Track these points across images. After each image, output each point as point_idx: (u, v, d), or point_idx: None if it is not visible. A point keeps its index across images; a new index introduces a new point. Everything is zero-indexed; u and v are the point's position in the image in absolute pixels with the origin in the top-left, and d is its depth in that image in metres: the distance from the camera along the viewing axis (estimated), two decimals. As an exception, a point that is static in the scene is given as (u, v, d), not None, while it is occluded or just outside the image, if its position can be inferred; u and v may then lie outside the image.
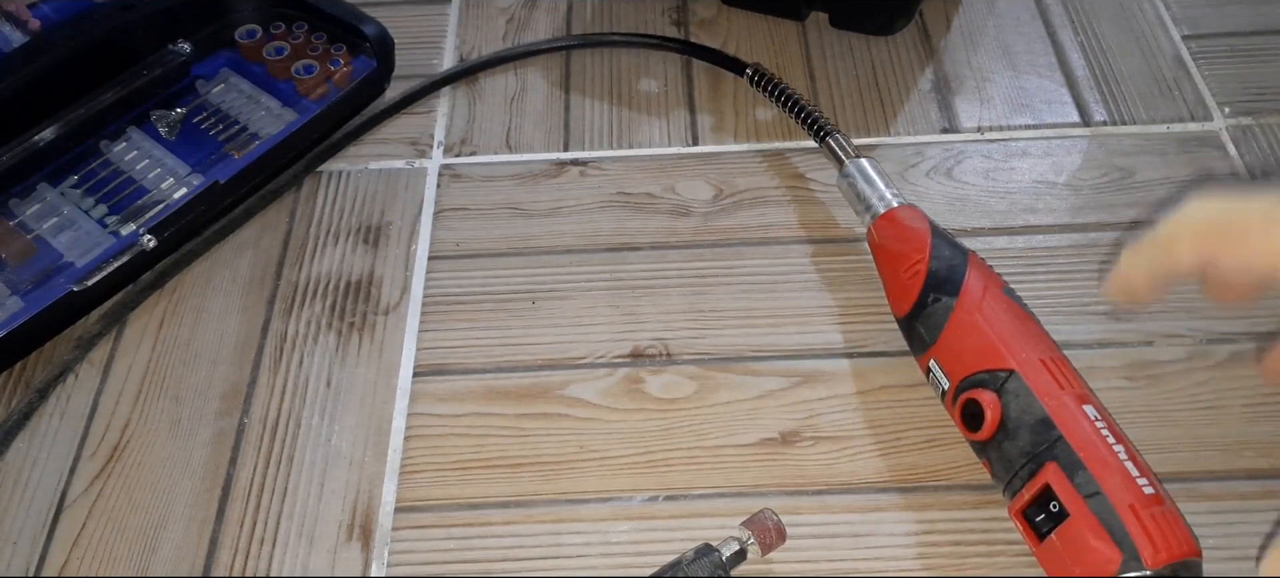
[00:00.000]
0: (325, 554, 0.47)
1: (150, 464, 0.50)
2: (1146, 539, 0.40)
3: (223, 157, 0.60)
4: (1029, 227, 0.58)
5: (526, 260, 0.58)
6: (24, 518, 0.49)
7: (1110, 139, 0.63)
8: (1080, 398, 0.44)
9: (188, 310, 0.56)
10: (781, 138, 0.63)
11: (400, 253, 0.58)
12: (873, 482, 0.48)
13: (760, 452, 0.50)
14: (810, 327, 0.54)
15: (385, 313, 0.56)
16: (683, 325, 0.54)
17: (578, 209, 0.60)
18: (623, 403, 0.51)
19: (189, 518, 0.48)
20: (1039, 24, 0.70)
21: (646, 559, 0.46)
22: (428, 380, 0.53)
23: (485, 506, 0.48)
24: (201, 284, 0.57)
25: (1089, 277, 0.56)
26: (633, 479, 0.49)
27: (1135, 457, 0.43)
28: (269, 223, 0.60)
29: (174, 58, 0.63)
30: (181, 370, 0.54)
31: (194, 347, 0.55)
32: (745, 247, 0.58)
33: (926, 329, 0.49)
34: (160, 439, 0.51)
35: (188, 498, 0.49)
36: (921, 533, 0.47)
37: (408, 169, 0.63)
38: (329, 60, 0.64)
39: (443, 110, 0.66)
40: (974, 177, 0.61)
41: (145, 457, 0.50)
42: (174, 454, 0.50)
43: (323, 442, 0.51)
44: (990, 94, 0.65)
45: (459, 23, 0.72)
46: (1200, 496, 0.47)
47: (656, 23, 0.71)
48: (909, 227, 0.52)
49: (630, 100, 0.66)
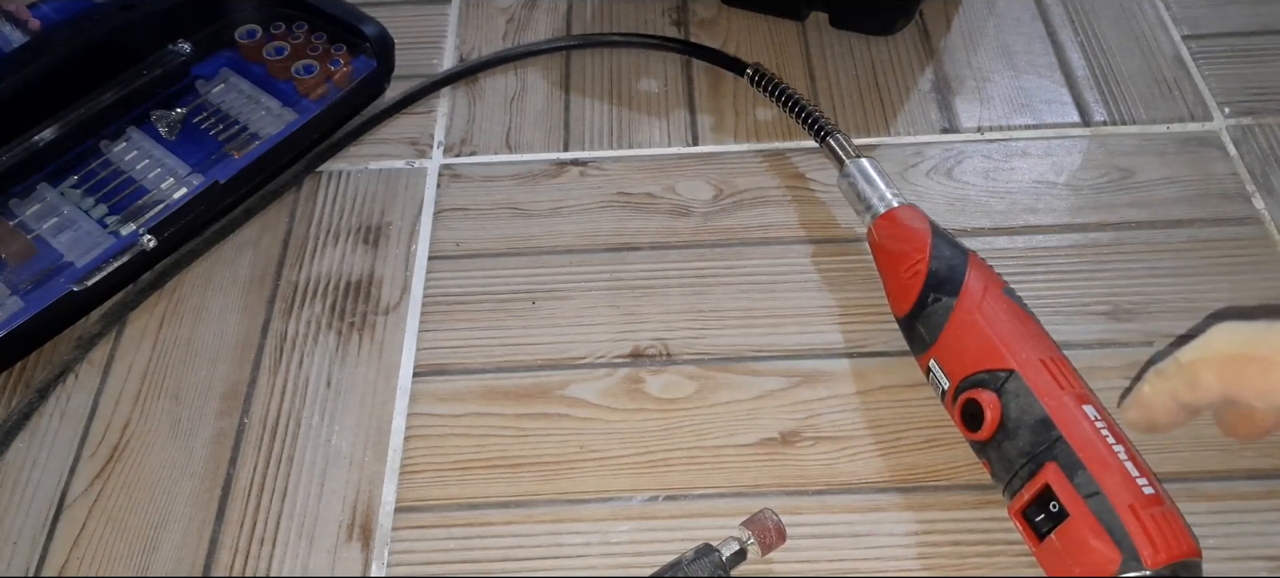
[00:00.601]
0: (325, 554, 0.47)
1: (150, 464, 0.50)
2: (1146, 539, 0.40)
3: (223, 157, 0.60)
4: (1029, 227, 0.58)
5: (526, 260, 0.58)
6: (24, 518, 0.49)
7: (1110, 139, 0.63)
8: (1080, 398, 0.44)
9: (188, 310, 0.56)
10: (781, 138, 0.63)
11: (400, 253, 0.58)
12: (873, 482, 0.48)
13: (760, 452, 0.50)
14: (810, 327, 0.54)
15: (385, 313, 0.56)
16: (683, 325, 0.54)
17: (578, 209, 0.60)
18: (623, 403, 0.51)
19: (189, 518, 0.48)
20: (1039, 24, 0.70)
21: (646, 559, 0.46)
22: (428, 380, 0.53)
23: (485, 506, 0.48)
24: (201, 284, 0.57)
25: (1089, 277, 0.56)
26: (633, 479, 0.49)
27: (1135, 457, 0.43)
28: (269, 223, 0.60)
29: (174, 58, 0.63)
30: (181, 370, 0.54)
31: (194, 347, 0.55)
32: (745, 247, 0.58)
33: (926, 329, 0.49)
34: (160, 439, 0.51)
35: (188, 498, 0.49)
36: (921, 533, 0.47)
37: (408, 169, 0.63)
38: (329, 60, 0.64)
39: (443, 110, 0.66)
40: (974, 177, 0.61)
41: (145, 457, 0.50)
42: (174, 454, 0.50)
43: (323, 442, 0.51)
44: (990, 94, 0.65)
45: (459, 23, 0.72)
46: (1200, 496, 0.47)
47: (656, 23, 0.71)
48: (909, 226, 0.52)
49: (630, 100, 0.66)
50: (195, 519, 0.48)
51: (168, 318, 0.56)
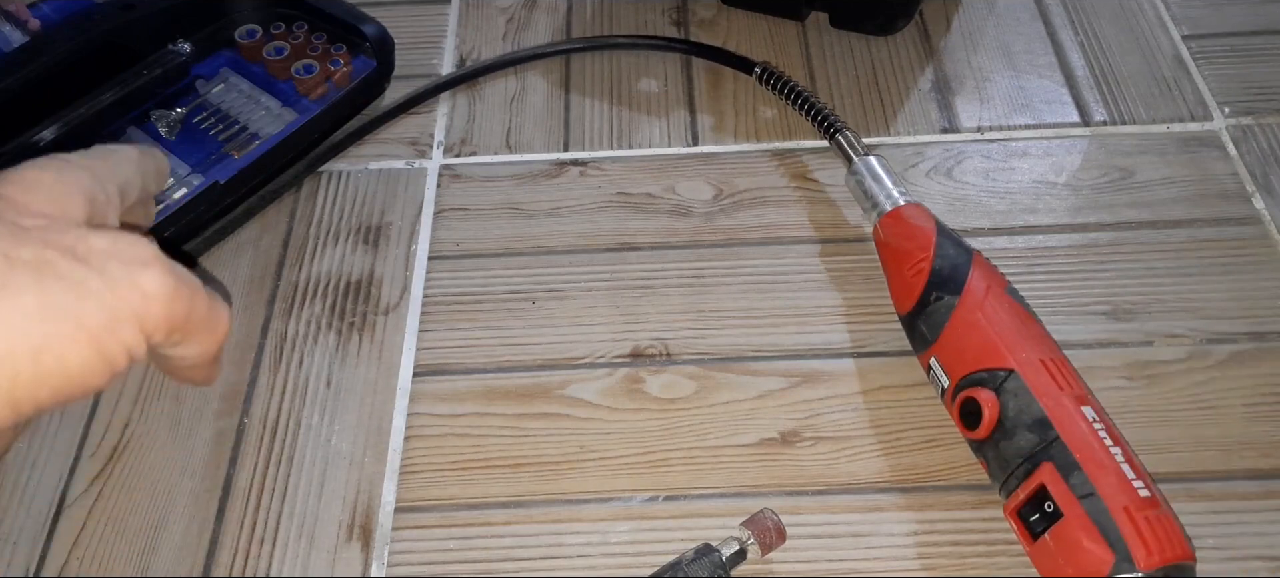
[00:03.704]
0: (325, 554, 0.47)
1: (150, 464, 0.50)
2: (1140, 542, 0.40)
3: (223, 157, 0.60)
4: (1029, 227, 0.58)
5: (526, 260, 0.58)
6: (24, 518, 0.49)
7: (1110, 139, 0.63)
8: (1079, 399, 0.44)
9: (188, 310, 0.56)
10: (781, 138, 0.63)
11: (400, 253, 0.58)
12: (873, 482, 0.48)
13: (760, 452, 0.50)
14: (810, 327, 0.54)
15: (385, 313, 0.56)
16: (683, 325, 0.55)
17: (578, 209, 0.60)
18: (623, 403, 0.52)
19: (189, 518, 0.48)
20: (1039, 24, 0.70)
21: (646, 559, 0.46)
22: (427, 381, 0.53)
23: (485, 506, 0.48)
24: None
25: (1089, 277, 0.56)
26: (633, 479, 0.49)
27: (1132, 460, 0.43)
28: (269, 223, 0.60)
29: (174, 58, 0.63)
30: (181, 370, 0.54)
31: (194, 347, 0.55)
32: (745, 247, 0.58)
33: (928, 327, 0.49)
34: (160, 439, 0.51)
35: (188, 498, 0.49)
36: (921, 533, 0.47)
37: (408, 169, 0.63)
38: (329, 60, 0.64)
39: (443, 110, 0.66)
40: (974, 176, 0.61)
41: (145, 457, 0.50)
42: (174, 454, 0.50)
43: (323, 442, 0.51)
44: (990, 94, 0.65)
45: (459, 23, 0.72)
46: (1199, 496, 0.47)
47: (657, 23, 0.71)
48: (915, 224, 0.52)
49: (630, 100, 0.66)
50: (195, 519, 0.48)
51: (168, 318, 0.56)
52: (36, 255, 0.30)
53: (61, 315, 0.29)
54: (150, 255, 0.32)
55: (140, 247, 0.32)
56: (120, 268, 0.31)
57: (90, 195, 0.34)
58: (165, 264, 0.32)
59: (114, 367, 0.31)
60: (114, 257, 0.31)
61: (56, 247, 0.30)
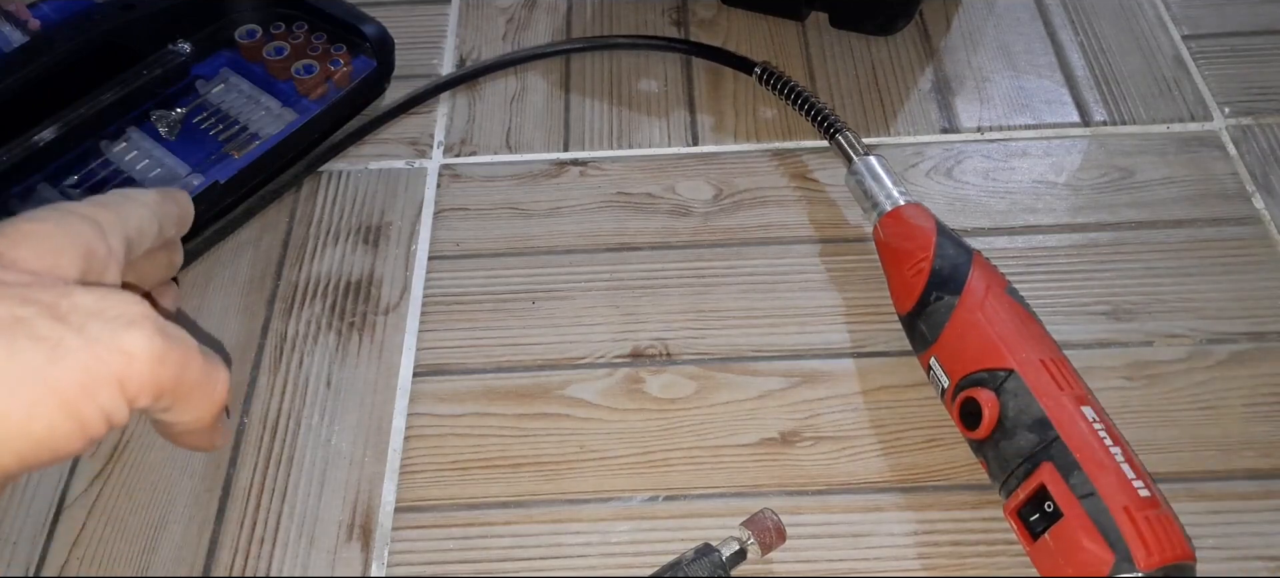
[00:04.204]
0: (325, 554, 0.47)
1: (150, 464, 0.50)
2: (1140, 542, 0.40)
3: (223, 157, 0.60)
4: (1029, 227, 0.58)
5: (526, 260, 0.58)
6: (24, 518, 0.49)
7: (1110, 139, 0.63)
8: (1079, 399, 0.44)
9: (187, 310, 0.56)
10: (781, 137, 0.63)
11: (400, 253, 0.58)
12: (873, 482, 0.48)
13: (760, 452, 0.50)
14: (810, 327, 0.54)
15: (385, 313, 0.56)
16: (683, 325, 0.55)
17: (578, 209, 0.60)
18: (623, 403, 0.52)
19: (189, 518, 0.48)
20: (1039, 24, 0.70)
21: (646, 559, 0.46)
22: (427, 380, 0.53)
23: (485, 506, 0.48)
24: (201, 284, 0.57)
25: (1089, 277, 0.56)
26: (633, 479, 0.49)
27: (1132, 460, 0.43)
28: (269, 223, 0.60)
29: (174, 58, 0.63)
30: (181, 370, 0.54)
31: (194, 347, 0.55)
32: (745, 246, 0.58)
33: (928, 327, 0.49)
34: (160, 439, 0.51)
35: (188, 498, 0.49)
36: (921, 533, 0.47)
37: (408, 169, 0.63)
38: (329, 60, 0.64)
39: (443, 110, 0.66)
40: (974, 176, 0.61)
41: (145, 457, 0.50)
42: (174, 454, 0.50)
43: (323, 442, 0.51)
44: (990, 94, 0.65)
45: (459, 23, 0.72)
46: (1199, 496, 0.47)
47: (657, 23, 0.71)
48: (915, 224, 0.52)
49: (630, 100, 0.66)
50: (195, 519, 0.48)
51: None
52: (9, 314, 0.28)
53: (29, 378, 0.28)
54: (138, 314, 0.30)
55: (128, 304, 0.30)
56: (103, 327, 0.29)
57: (87, 249, 0.32)
58: (154, 324, 0.30)
59: (89, 432, 0.29)
60: (97, 316, 0.29)
61: (36, 304, 0.29)
